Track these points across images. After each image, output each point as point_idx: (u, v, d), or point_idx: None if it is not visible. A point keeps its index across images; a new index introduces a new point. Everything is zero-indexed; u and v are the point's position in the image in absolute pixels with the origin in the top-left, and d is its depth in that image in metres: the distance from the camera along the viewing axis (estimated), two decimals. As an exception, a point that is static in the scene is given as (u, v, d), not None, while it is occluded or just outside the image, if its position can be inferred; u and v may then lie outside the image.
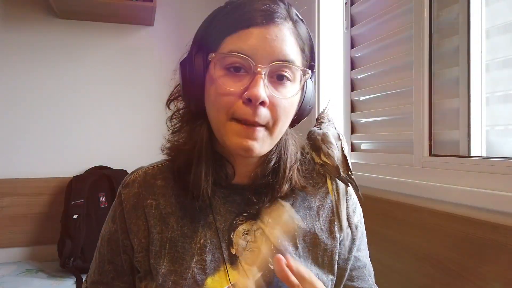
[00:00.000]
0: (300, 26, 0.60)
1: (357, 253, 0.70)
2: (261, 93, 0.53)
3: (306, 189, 0.67)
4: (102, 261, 0.67)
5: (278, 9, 0.57)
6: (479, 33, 0.94)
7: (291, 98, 0.58)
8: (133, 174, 0.68)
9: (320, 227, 0.66)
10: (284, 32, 0.56)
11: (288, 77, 0.57)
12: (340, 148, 0.69)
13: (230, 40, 0.55)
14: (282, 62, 0.55)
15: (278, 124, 0.58)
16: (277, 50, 0.55)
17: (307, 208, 0.67)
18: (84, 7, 1.91)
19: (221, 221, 0.63)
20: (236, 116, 0.56)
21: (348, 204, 0.69)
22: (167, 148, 0.65)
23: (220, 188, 0.64)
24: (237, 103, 0.55)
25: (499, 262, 0.75)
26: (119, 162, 2.05)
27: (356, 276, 0.70)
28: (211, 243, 0.61)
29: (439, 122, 1.02)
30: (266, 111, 0.56)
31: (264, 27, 0.55)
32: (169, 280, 0.59)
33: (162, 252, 0.61)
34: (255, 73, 0.54)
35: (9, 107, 1.97)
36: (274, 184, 0.64)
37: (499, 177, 0.80)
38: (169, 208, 0.63)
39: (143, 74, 2.14)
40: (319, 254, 0.65)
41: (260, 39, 0.54)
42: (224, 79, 0.55)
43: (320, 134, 0.69)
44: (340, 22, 1.52)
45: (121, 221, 0.64)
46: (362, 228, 0.73)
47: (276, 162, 0.64)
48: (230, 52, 0.54)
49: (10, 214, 1.91)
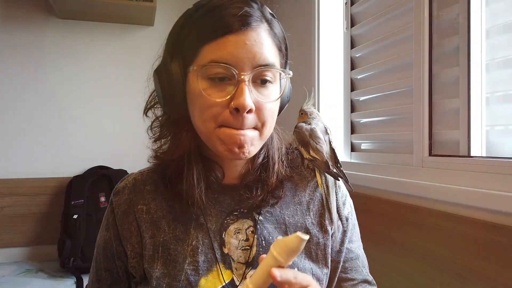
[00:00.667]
0: (275, 25, 0.60)
1: (349, 244, 0.70)
2: (248, 102, 0.53)
3: (293, 179, 0.68)
4: (99, 269, 0.67)
5: (253, 12, 0.56)
6: (479, 33, 0.93)
7: (275, 100, 0.59)
8: (123, 182, 0.68)
9: (311, 221, 0.67)
10: (261, 35, 0.56)
11: (269, 79, 0.58)
12: (328, 142, 0.70)
13: (208, 49, 0.55)
14: (263, 66, 0.55)
15: (266, 126, 0.59)
16: (257, 55, 0.55)
17: (297, 203, 0.68)
18: (84, 7, 1.91)
19: (212, 221, 0.63)
20: (224, 124, 0.56)
21: (338, 197, 0.69)
22: (155, 158, 0.66)
23: (210, 190, 0.64)
24: (224, 113, 0.55)
25: (499, 262, 0.75)
26: (119, 162, 2.05)
27: (349, 268, 0.70)
28: (203, 244, 0.61)
29: (439, 122, 1.02)
30: (253, 116, 0.56)
31: (241, 32, 0.54)
32: (163, 283, 0.59)
33: (155, 256, 0.61)
34: (239, 81, 0.54)
35: (9, 107, 1.97)
36: (264, 178, 0.65)
37: (499, 177, 0.80)
38: (160, 212, 0.64)
39: (143, 74, 2.14)
40: (312, 248, 0.65)
41: (239, 46, 0.54)
42: (209, 90, 0.55)
43: (308, 129, 0.70)
44: (340, 22, 1.52)
45: (113, 228, 0.65)
46: (354, 220, 0.73)
47: (265, 158, 0.65)
48: (212, 63, 0.54)
49: (10, 214, 1.91)
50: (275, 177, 0.65)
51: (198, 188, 0.60)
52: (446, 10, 1.01)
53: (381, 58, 1.27)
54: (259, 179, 0.65)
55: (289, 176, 0.68)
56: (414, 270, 0.96)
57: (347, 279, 0.69)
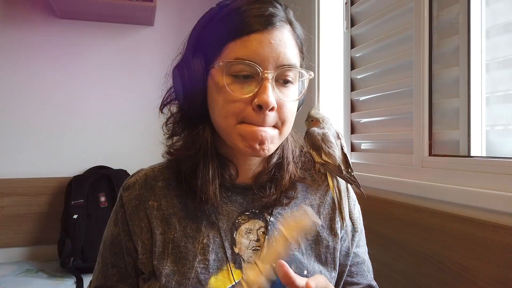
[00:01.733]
0: (297, 27, 0.61)
1: (356, 249, 0.71)
2: (271, 100, 0.54)
3: (305, 181, 0.69)
4: (106, 265, 0.67)
5: (278, 12, 0.57)
6: (479, 33, 0.94)
7: (296, 100, 0.60)
8: (133, 177, 0.68)
9: (321, 225, 0.67)
10: (285, 35, 0.57)
11: (291, 80, 0.59)
12: (340, 147, 0.70)
13: (233, 47, 0.55)
14: (287, 66, 0.56)
15: (286, 125, 0.60)
16: (281, 54, 0.56)
17: (308, 206, 0.68)
18: (84, 7, 1.91)
19: (224, 220, 0.63)
20: (245, 120, 0.56)
21: (349, 201, 0.70)
22: (168, 154, 0.66)
23: (223, 188, 0.64)
24: (247, 110, 0.56)
25: (499, 262, 0.75)
26: (119, 162, 2.05)
27: (355, 272, 0.70)
28: (214, 243, 0.61)
29: (439, 122, 1.02)
30: (274, 114, 0.57)
31: (266, 31, 0.55)
32: (173, 280, 0.59)
33: (165, 253, 0.61)
34: (263, 79, 0.55)
35: (9, 107, 1.97)
36: (278, 178, 0.65)
37: (499, 177, 0.80)
38: (171, 209, 0.64)
39: (143, 74, 2.14)
40: (321, 251, 0.66)
41: (264, 44, 0.55)
42: (233, 86, 0.56)
43: (320, 134, 0.71)
44: (340, 22, 1.52)
45: (123, 224, 0.64)
46: (361, 225, 0.74)
47: (279, 157, 0.66)
48: (237, 60, 0.55)
49: (10, 214, 1.91)
50: (289, 177, 0.66)
51: (212, 184, 0.61)
52: (446, 10, 1.01)
53: (381, 58, 1.27)
54: (273, 179, 0.65)
55: (302, 177, 0.68)
56: (414, 270, 0.97)
57: (353, 283, 0.70)
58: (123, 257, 0.65)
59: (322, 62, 1.54)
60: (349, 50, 1.45)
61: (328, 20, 1.55)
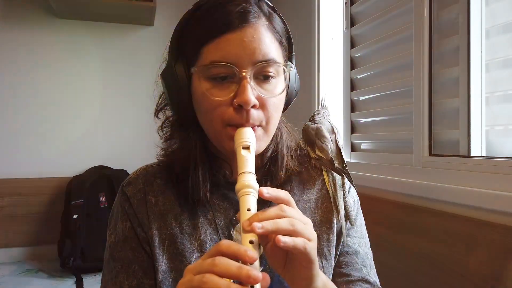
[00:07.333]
0: (274, 19, 0.60)
1: (347, 239, 0.69)
2: (250, 98, 0.54)
3: (302, 175, 0.69)
4: (126, 266, 0.63)
5: (250, 8, 0.56)
6: (479, 33, 0.94)
7: (279, 94, 0.59)
8: (134, 174, 0.68)
9: (319, 219, 0.67)
10: (259, 30, 0.56)
11: (272, 75, 0.58)
12: (334, 141, 0.70)
13: (208, 50, 0.55)
14: (264, 62, 0.56)
15: (271, 122, 0.59)
16: (256, 51, 0.55)
17: (306, 201, 0.68)
18: (84, 7, 1.91)
19: (221, 218, 0.64)
20: (231, 123, 0.56)
21: (346, 195, 0.69)
22: (162, 156, 0.67)
23: (219, 186, 0.65)
24: (229, 111, 0.56)
25: (499, 262, 0.75)
26: (119, 162, 2.05)
27: (344, 262, 0.68)
28: (211, 240, 0.62)
29: (439, 122, 1.02)
30: (257, 112, 0.57)
31: (240, 30, 0.55)
32: (169, 278, 0.59)
33: (161, 249, 0.61)
34: (241, 78, 0.55)
35: (9, 107, 1.97)
36: (273, 172, 0.65)
37: (499, 177, 0.80)
38: (168, 205, 0.64)
39: (143, 74, 2.14)
40: (323, 245, 0.66)
41: (238, 43, 0.54)
42: (212, 90, 0.56)
43: (314, 128, 0.71)
44: (340, 22, 1.52)
45: (132, 216, 0.63)
46: (360, 220, 0.72)
47: (273, 152, 0.66)
48: (212, 63, 0.55)
49: (10, 214, 1.91)
50: (284, 171, 0.66)
51: (203, 186, 0.61)
52: (446, 10, 1.01)
53: (381, 58, 1.27)
54: (268, 173, 0.65)
55: (298, 171, 0.68)
56: (414, 270, 0.97)
57: (342, 274, 0.67)
58: (142, 249, 0.63)
59: (322, 62, 1.54)
60: (349, 50, 1.45)
61: (328, 20, 1.55)
